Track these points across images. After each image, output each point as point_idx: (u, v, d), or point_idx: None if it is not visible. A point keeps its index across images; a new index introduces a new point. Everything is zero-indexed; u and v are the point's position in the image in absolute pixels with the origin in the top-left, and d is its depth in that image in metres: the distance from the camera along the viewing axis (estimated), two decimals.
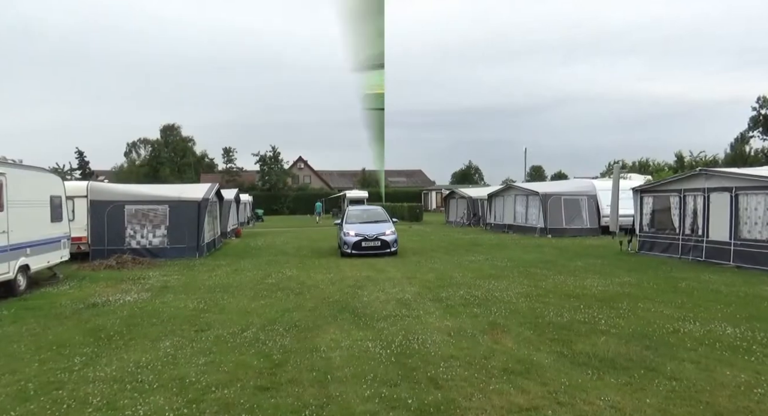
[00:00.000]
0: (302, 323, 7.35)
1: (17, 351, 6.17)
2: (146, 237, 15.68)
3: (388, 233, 16.07)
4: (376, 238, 15.78)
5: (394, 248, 15.88)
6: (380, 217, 17.25)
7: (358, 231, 16.02)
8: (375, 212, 17.97)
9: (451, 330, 6.85)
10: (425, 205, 55.15)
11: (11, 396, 4.72)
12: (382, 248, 15.73)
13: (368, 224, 16.59)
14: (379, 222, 16.81)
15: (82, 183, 16.58)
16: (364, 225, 16.50)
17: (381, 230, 16.09)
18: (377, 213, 17.75)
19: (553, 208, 22.68)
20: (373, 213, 17.87)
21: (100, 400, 4.59)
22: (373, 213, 17.90)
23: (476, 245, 19.04)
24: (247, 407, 4.42)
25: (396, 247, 15.99)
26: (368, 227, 16.29)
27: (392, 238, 15.97)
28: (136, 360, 5.70)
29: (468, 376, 5.08)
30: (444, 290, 9.81)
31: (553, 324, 7.03)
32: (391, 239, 15.94)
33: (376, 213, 17.77)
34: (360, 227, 16.30)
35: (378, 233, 15.93)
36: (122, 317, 7.90)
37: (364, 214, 17.78)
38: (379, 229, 16.12)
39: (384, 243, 15.78)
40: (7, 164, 10.14)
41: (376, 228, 16.22)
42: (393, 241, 15.94)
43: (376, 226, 16.37)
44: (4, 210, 9.60)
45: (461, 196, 33.47)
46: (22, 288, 10.13)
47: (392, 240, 15.94)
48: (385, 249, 15.74)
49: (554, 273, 11.69)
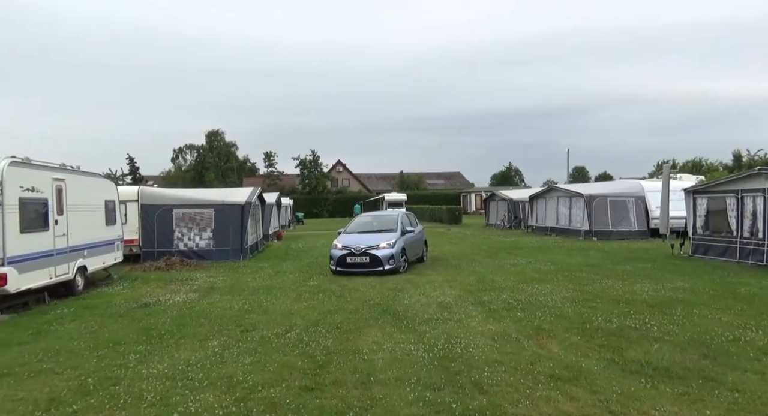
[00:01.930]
0: (344, 325, 7.40)
1: (77, 348, 6.51)
2: (193, 240, 16.24)
3: (383, 245, 12.55)
4: (364, 252, 12.50)
5: (390, 265, 12.37)
6: (389, 226, 13.70)
7: (348, 243, 12.96)
8: (387, 219, 14.46)
9: (494, 334, 6.73)
10: (464, 208, 54.62)
11: (73, 390, 4.98)
12: (372, 265, 12.37)
13: (367, 234, 13.40)
14: (383, 231, 13.36)
15: (134, 188, 17.35)
16: (362, 235, 13.40)
17: (375, 242, 12.71)
18: (389, 220, 14.22)
19: (598, 209, 21.96)
20: (385, 220, 14.38)
21: (153, 396, 4.77)
22: (385, 220, 14.42)
23: (518, 248, 18.67)
24: (292, 407, 4.48)
25: (394, 265, 12.42)
26: (364, 238, 13.11)
27: (386, 253, 12.41)
28: (186, 359, 5.90)
29: (513, 382, 4.97)
30: (486, 294, 9.66)
31: (601, 330, 6.79)
32: (385, 254, 12.40)
33: (388, 220, 14.25)
34: (354, 238, 13.26)
35: (368, 246, 12.59)
36: (172, 317, 8.20)
37: (374, 222, 14.38)
38: (374, 241, 12.76)
39: (374, 260, 12.38)
40: (66, 170, 10.73)
41: (372, 239, 12.91)
42: (387, 257, 12.39)
43: (374, 237, 13.03)
44: (64, 214, 10.17)
45: (501, 198, 32.92)
46: (80, 287, 10.70)
47: (386, 256, 12.39)
48: (376, 267, 12.32)
49: (601, 277, 11.30)
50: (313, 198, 56.87)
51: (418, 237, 14.63)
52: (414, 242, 13.95)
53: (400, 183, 68.09)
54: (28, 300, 9.41)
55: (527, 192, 31.09)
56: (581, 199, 22.44)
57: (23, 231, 8.77)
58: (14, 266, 8.41)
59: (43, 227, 9.47)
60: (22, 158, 9.07)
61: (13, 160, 8.71)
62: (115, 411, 4.46)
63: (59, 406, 4.60)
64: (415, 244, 14.11)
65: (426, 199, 55.53)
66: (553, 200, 25.26)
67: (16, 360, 6.05)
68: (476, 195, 58.70)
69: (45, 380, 5.30)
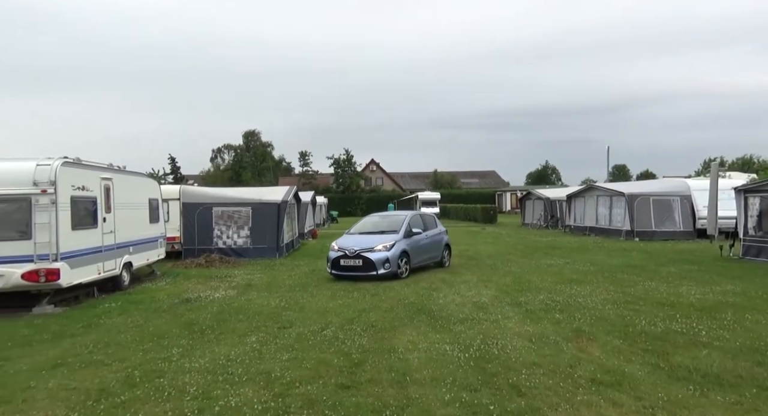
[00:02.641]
0: (379, 323, 7.43)
1: (124, 341, 6.78)
2: (231, 238, 16.65)
3: (378, 248, 11.55)
4: (358, 255, 11.57)
5: (385, 270, 11.36)
6: (394, 227, 12.56)
7: (344, 244, 12.07)
8: (393, 220, 13.22)
9: (532, 335, 6.60)
10: (499, 207, 53.78)
11: (121, 382, 5.20)
12: (364, 269, 11.44)
13: (369, 236, 12.49)
14: (386, 233, 12.35)
15: (175, 187, 17.94)
16: (363, 236, 12.51)
17: (371, 244, 11.73)
18: (395, 221, 12.99)
19: (640, 209, 21.22)
20: (392, 221, 13.18)
21: (196, 390, 4.91)
22: (391, 221, 13.22)
23: (555, 248, 18.26)
24: (329, 404, 4.52)
25: (389, 269, 11.40)
26: (362, 240, 12.18)
27: (380, 257, 11.40)
28: (226, 354, 6.05)
29: (553, 385, 4.86)
30: (522, 294, 9.49)
31: (645, 334, 6.55)
32: (379, 257, 11.39)
33: (394, 221, 13.03)
34: (353, 239, 12.37)
35: (362, 248, 11.66)
36: (212, 312, 8.43)
37: (382, 222, 13.37)
38: (370, 243, 11.78)
39: (366, 263, 11.42)
40: (113, 170, 11.20)
41: (370, 241, 11.93)
42: (381, 261, 11.38)
43: (372, 239, 12.07)
44: (111, 212, 10.62)
45: (538, 196, 32.28)
46: (126, 283, 11.15)
47: (380, 260, 11.37)
48: (369, 271, 11.39)
49: (644, 279, 10.90)
50: (347, 197, 57.28)
51: (434, 241, 13.44)
52: (424, 245, 12.89)
53: (433, 182, 67.75)
54: (79, 295, 9.87)
55: (565, 191, 30.38)
56: (622, 198, 21.73)
57: (74, 229, 9.20)
58: (66, 261, 8.84)
59: (92, 224, 9.91)
60: (73, 158, 9.51)
61: (65, 161, 9.15)
62: (159, 403, 4.62)
63: (108, 397, 4.80)
64: (427, 248, 13.04)
65: (460, 197, 55.03)
66: (593, 199, 24.57)
67: (68, 351, 6.36)
68: (511, 194, 57.78)
69: (95, 371, 5.55)
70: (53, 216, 8.63)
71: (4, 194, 8.57)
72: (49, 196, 8.63)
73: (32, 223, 8.56)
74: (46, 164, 8.80)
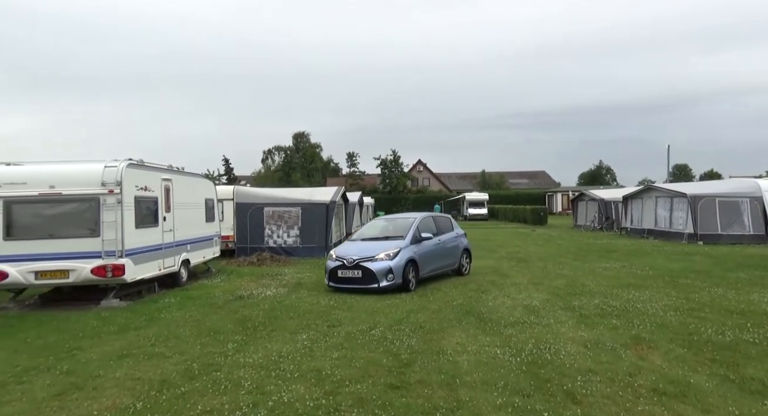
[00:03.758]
0: (427, 325, 7.38)
1: (183, 334, 7.10)
2: (282, 237, 17.08)
3: (380, 257, 10.07)
4: (357, 265, 10.13)
5: (388, 282, 9.88)
6: (400, 232, 11.09)
7: (343, 252, 10.60)
8: (401, 224, 11.66)
9: (586, 341, 6.36)
10: (550, 208, 52.26)
11: (181, 374, 5.44)
12: (364, 281, 9.99)
13: (372, 242, 11.01)
14: (391, 239, 10.91)
15: (229, 187, 18.59)
16: (365, 243, 11.05)
17: (371, 252, 10.24)
18: (402, 225, 11.45)
19: (705, 211, 20.00)
20: (399, 225, 11.62)
21: (250, 384, 5.07)
22: (399, 225, 11.66)
23: (611, 251, 17.52)
24: (379, 403, 4.54)
25: (392, 281, 9.90)
26: (364, 247, 10.72)
27: (382, 267, 9.91)
28: (278, 350, 6.21)
29: (611, 393, 4.66)
30: (576, 298, 9.17)
31: (712, 343, 6.17)
32: (381, 267, 9.91)
33: (401, 225, 11.48)
34: (354, 247, 10.89)
35: (362, 257, 10.18)
36: (264, 309, 8.67)
37: (389, 226, 11.89)
38: (371, 251, 10.32)
39: (367, 274, 9.96)
40: (173, 171, 11.74)
41: (371, 248, 10.48)
42: (384, 271, 9.89)
43: (374, 246, 10.61)
44: (171, 212, 11.14)
45: (591, 197, 31.09)
46: (184, 279, 11.66)
47: (382, 270, 9.89)
48: (369, 284, 9.93)
49: (709, 286, 10.26)
50: (394, 197, 57.39)
51: (449, 246, 11.98)
52: (437, 251, 11.40)
53: (481, 182, 66.75)
54: (141, 290, 10.43)
55: (620, 191, 29.11)
56: (684, 200, 20.56)
57: (138, 227, 9.73)
58: (131, 258, 9.35)
59: (154, 223, 10.43)
60: (137, 160, 10.06)
61: (130, 162, 9.69)
62: (216, 396, 4.80)
63: (170, 387, 5.04)
64: (440, 254, 11.56)
65: (508, 198, 53.91)
66: (651, 200, 23.41)
67: (133, 343, 6.73)
68: (563, 194, 55.97)
69: (157, 363, 5.84)
70: (119, 215, 9.16)
71: (76, 194, 9.18)
72: (116, 195, 9.16)
73: (100, 222, 9.11)
74: (113, 166, 9.35)
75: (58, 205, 9.21)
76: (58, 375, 5.50)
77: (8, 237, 9.03)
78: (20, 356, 6.23)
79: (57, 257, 8.97)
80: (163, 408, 4.53)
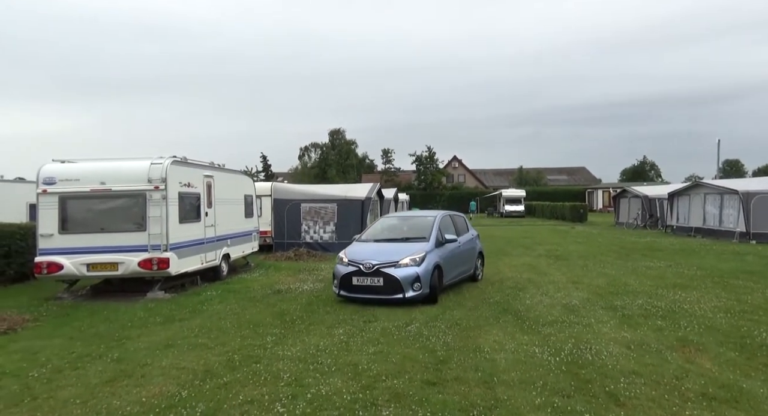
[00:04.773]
0: (463, 322, 7.33)
1: (225, 326, 7.32)
2: (318, 233, 17.31)
3: (405, 262, 8.51)
4: (377, 271, 8.53)
5: (415, 292, 8.37)
6: (419, 232, 9.57)
7: (357, 255, 8.97)
8: (418, 223, 10.14)
9: (630, 342, 6.17)
10: (590, 205, 50.81)
11: (223, 364, 5.62)
12: (386, 291, 8.43)
13: (388, 243, 9.43)
14: (411, 240, 9.39)
15: (267, 183, 18.98)
16: (380, 245, 9.41)
17: (394, 257, 8.66)
18: (421, 225, 9.92)
19: (758, 208, 18.98)
20: (417, 224, 10.11)
21: (289, 376, 5.18)
22: (416, 224, 10.17)
23: (655, 250, 16.89)
24: (416, 399, 4.55)
25: (419, 291, 8.38)
26: (382, 249, 9.13)
27: (408, 274, 8.37)
28: (316, 344, 6.31)
29: (656, 396, 4.50)
30: (618, 297, 8.90)
31: (767, 347, 5.86)
32: (407, 275, 8.37)
33: (420, 225, 9.97)
34: (368, 249, 9.24)
35: (383, 262, 8.60)
36: (302, 304, 8.83)
37: (404, 225, 10.33)
38: (392, 255, 8.72)
39: (389, 283, 8.40)
40: (214, 168, 12.09)
41: (392, 251, 8.89)
42: (410, 280, 8.36)
43: (395, 249, 9.04)
44: (212, 207, 11.47)
45: (634, 194, 30.04)
46: (224, 273, 12.01)
47: (408, 278, 8.36)
48: (393, 294, 8.40)
49: (763, 287, 9.75)
50: (429, 193, 57.19)
51: (467, 249, 10.53)
52: (458, 256, 9.94)
53: (518, 179, 65.61)
54: (185, 282, 10.80)
55: (666, 188, 27.99)
56: (735, 196, 19.59)
57: (181, 222, 10.07)
58: (175, 252, 9.70)
59: (196, 218, 10.78)
60: (180, 157, 10.41)
61: (174, 159, 10.03)
62: (257, 387, 4.92)
63: (213, 377, 5.21)
64: (461, 259, 10.10)
65: (546, 195, 52.71)
66: (699, 197, 22.41)
67: (178, 333, 6.99)
68: (604, 191, 54.29)
69: (200, 353, 6.05)
70: (164, 210, 9.51)
71: (124, 190, 9.60)
72: (161, 191, 9.52)
73: (146, 216, 9.49)
74: (159, 163, 9.71)
75: (108, 201, 9.65)
76: (109, 362, 5.78)
77: (63, 231, 9.54)
78: (75, 343, 6.58)
79: (107, 250, 9.41)
80: (207, 397, 4.69)
